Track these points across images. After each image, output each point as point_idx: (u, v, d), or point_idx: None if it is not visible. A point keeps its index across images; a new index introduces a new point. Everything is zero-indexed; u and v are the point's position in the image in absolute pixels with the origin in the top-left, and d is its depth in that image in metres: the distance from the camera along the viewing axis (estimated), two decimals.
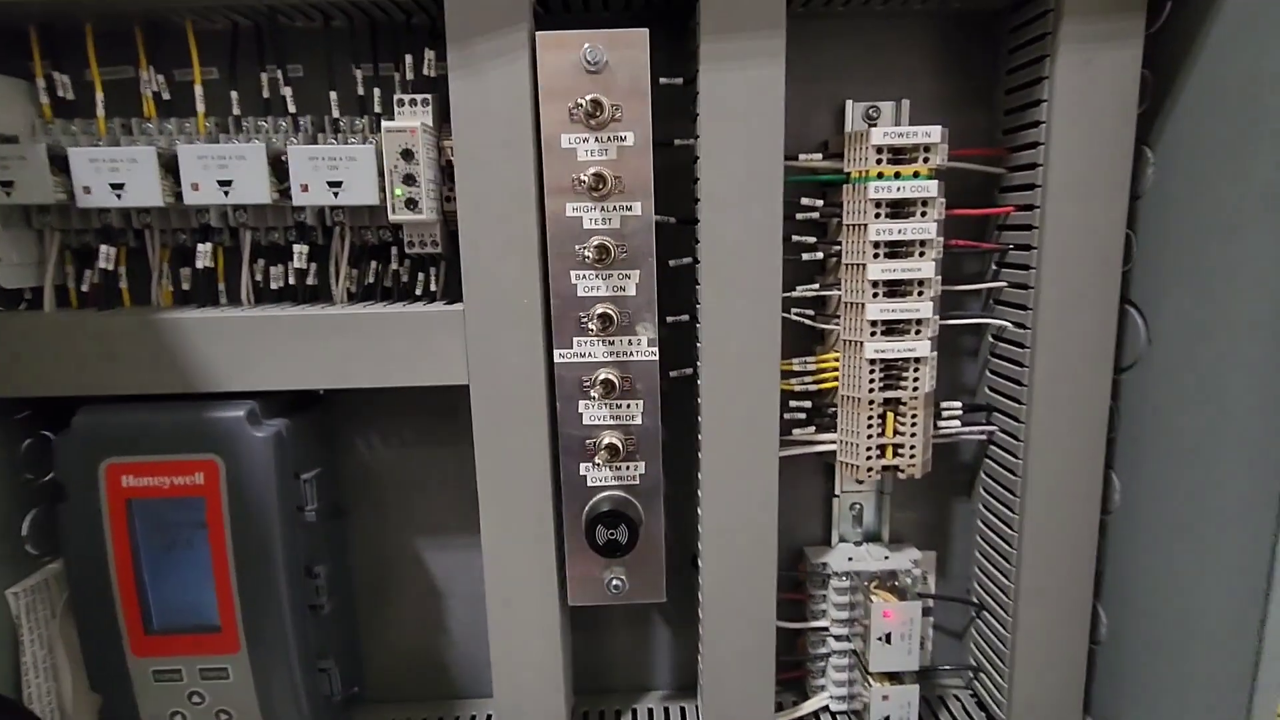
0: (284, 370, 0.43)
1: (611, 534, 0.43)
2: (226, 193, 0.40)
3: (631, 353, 0.43)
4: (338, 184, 0.40)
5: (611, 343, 0.42)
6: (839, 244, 0.46)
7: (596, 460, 0.43)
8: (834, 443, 0.48)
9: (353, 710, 0.54)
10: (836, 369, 0.47)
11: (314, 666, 0.47)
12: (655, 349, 0.43)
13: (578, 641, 0.55)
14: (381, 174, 0.41)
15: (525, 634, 0.46)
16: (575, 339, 0.42)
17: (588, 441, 0.43)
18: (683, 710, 0.54)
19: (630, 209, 0.41)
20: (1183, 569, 0.44)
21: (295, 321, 0.43)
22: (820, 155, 0.46)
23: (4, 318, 0.44)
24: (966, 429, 0.49)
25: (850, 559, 0.51)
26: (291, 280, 0.46)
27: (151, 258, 0.46)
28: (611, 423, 0.43)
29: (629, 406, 0.43)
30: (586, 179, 0.40)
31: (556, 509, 0.45)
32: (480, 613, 0.54)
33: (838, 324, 0.47)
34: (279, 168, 0.41)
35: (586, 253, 0.40)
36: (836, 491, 0.53)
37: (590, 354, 0.42)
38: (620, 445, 0.43)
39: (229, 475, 0.43)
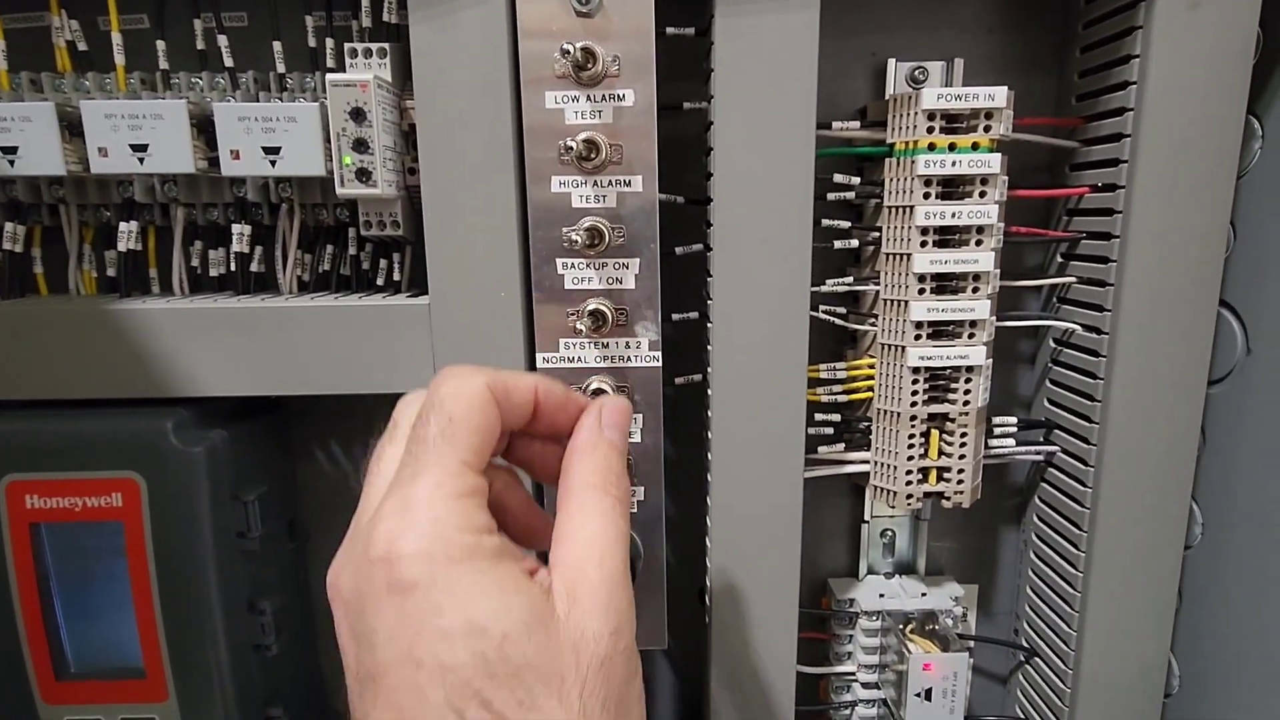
0: (219, 373, 0.37)
1: None
2: (142, 159, 0.33)
3: (629, 358, 0.36)
4: (275, 150, 0.33)
5: (605, 345, 0.35)
6: (878, 230, 0.39)
7: None
8: (866, 463, 0.41)
9: None
10: (871, 378, 0.40)
11: (260, 714, 0.41)
12: (658, 353, 0.36)
13: None
14: (328, 139, 0.33)
15: None
16: (562, 340, 0.35)
17: None
18: None
19: (629, 184, 0.34)
20: (1271, 615, 0.37)
21: (233, 315, 0.36)
22: (858, 124, 0.38)
23: None
24: (1022, 449, 0.42)
25: (882, 595, 0.44)
26: (233, 267, 0.39)
27: (68, 238, 0.39)
28: None
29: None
30: (576, 147, 0.32)
31: None
32: None
33: (874, 325, 0.40)
34: (208, 132, 0.34)
35: (576, 236, 0.33)
36: (866, 517, 0.46)
37: (580, 359, 0.36)
38: None
39: (152, 496, 0.36)
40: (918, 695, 0.40)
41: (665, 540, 0.38)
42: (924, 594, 0.44)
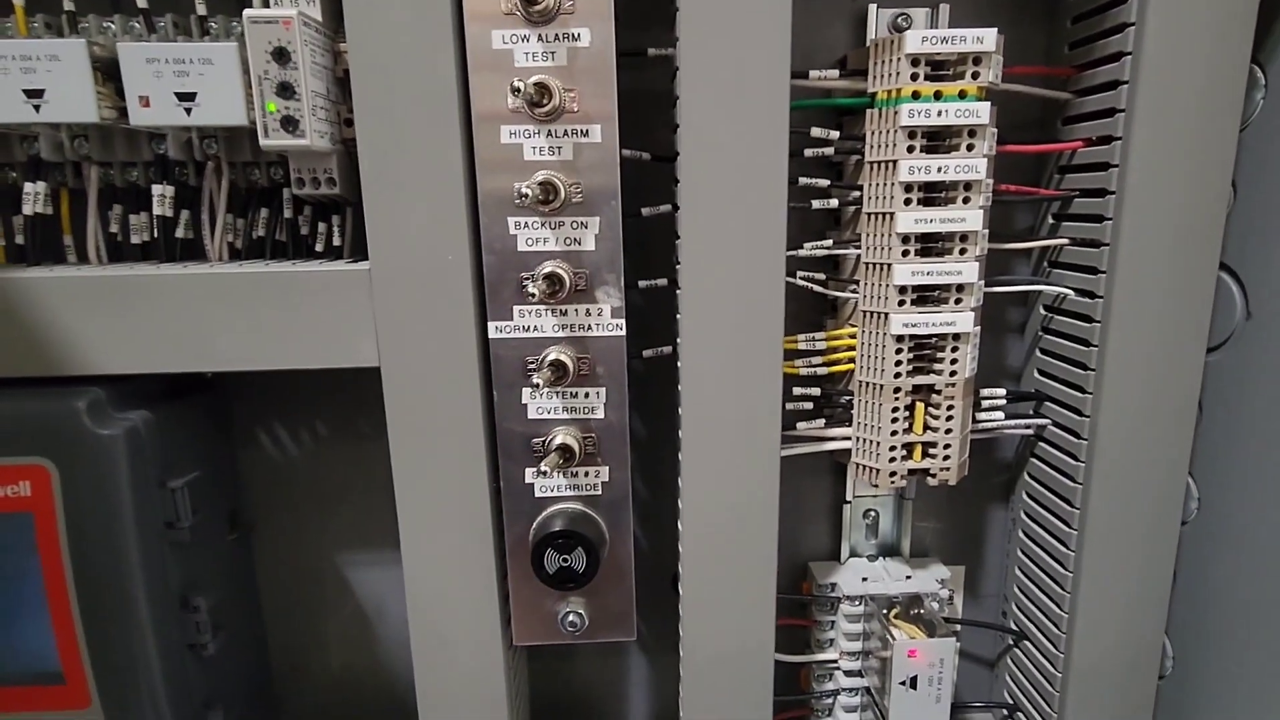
0: (140, 348, 0.33)
1: (565, 560, 0.33)
2: (37, 107, 0.30)
3: (590, 326, 0.33)
4: (190, 96, 0.30)
5: (563, 313, 0.32)
6: (859, 189, 0.36)
7: (545, 466, 0.33)
8: (848, 439, 0.38)
9: None
10: (853, 348, 0.38)
11: (198, 717, 0.37)
12: (621, 320, 0.33)
13: (538, 673, 0.46)
14: (250, 84, 0.30)
15: (460, 678, 0.37)
16: (516, 308, 0.32)
17: (534, 441, 0.34)
18: None
19: (586, 134, 0.31)
20: (1268, 593, 0.36)
21: (155, 284, 0.33)
22: (837, 73, 0.35)
23: None
24: (1011, 422, 0.40)
25: (865, 578, 0.42)
26: (156, 233, 0.36)
27: None
28: (565, 417, 0.34)
29: (587, 396, 0.33)
30: (526, 90, 0.29)
31: (497, 527, 0.35)
32: None
33: (855, 291, 0.37)
34: (117, 79, 0.31)
35: (528, 191, 0.30)
36: (848, 497, 0.43)
37: (536, 327, 0.33)
38: (576, 446, 0.33)
39: (65, 484, 0.33)
40: (902, 683, 0.38)
41: (635, 524, 0.36)
42: (908, 577, 0.42)
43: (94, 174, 0.35)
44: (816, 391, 0.39)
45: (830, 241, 0.37)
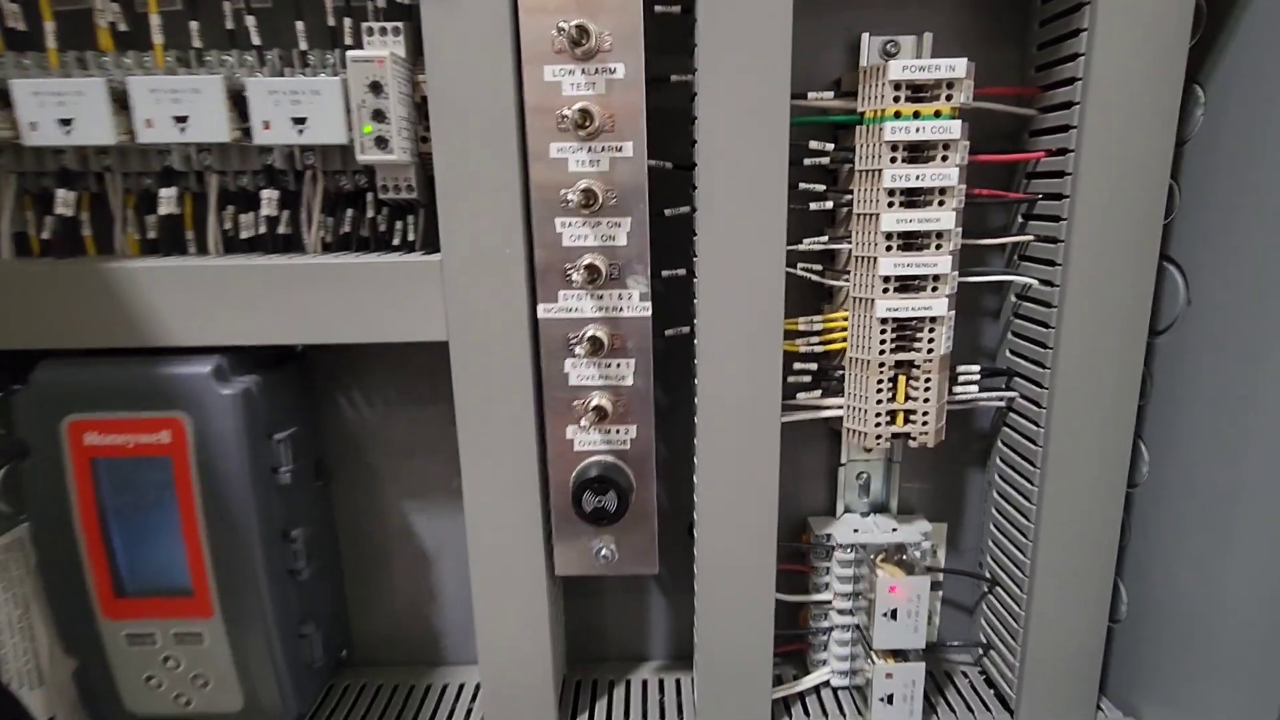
0: (251, 324, 0.40)
1: (599, 501, 0.40)
2: (183, 129, 0.37)
3: (622, 308, 0.39)
4: (302, 120, 0.37)
5: (600, 297, 0.39)
6: (850, 193, 0.42)
7: (584, 423, 0.40)
8: (841, 408, 0.45)
9: (341, 673, 0.53)
10: (845, 329, 0.44)
11: (294, 633, 0.45)
12: (648, 304, 0.39)
13: (571, 610, 0.53)
14: (349, 110, 0.37)
15: (511, 603, 0.44)
16: (561, 292, 0.39)
17: (574, 403, 0.41)
18: (678, 682, 0.52)
19: (620, 150, 0.37)
20: (1212, 547, 0.41)
21: (263, 272, 0.40)
22: (832, 94, 0.42)
23: None
24: (984, 394, 0.46)
25: (856, 530, 0.48)
26: (262, 229, 0.43)
27: (113, 203, 0.43)
28: (600, 383, 0.40)
29: (619, 366, 0.40)
30: (572, 115, 0.36)
31: (543, 474, 0.42)
32: (470, 578, 0.53)
33: (847, 280, 0.43)
34: (240, 105, 0.38)
35: (572, 197, 0.37)
36: (843, 460, 0.50)
37: (577, 309, 0.39)
38: (609, 407, 0.40)
39: (196, 434, 0.40)
40: (885, 615, 0.45)
41: (656, 475, 0.42)
42: (894, 530, 0.48)
43: (214, 181, 0.42)
44: (814, 367, 0.45)
45: (826, 238, 0.43)
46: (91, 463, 0.41)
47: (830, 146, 0.42)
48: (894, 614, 0.45)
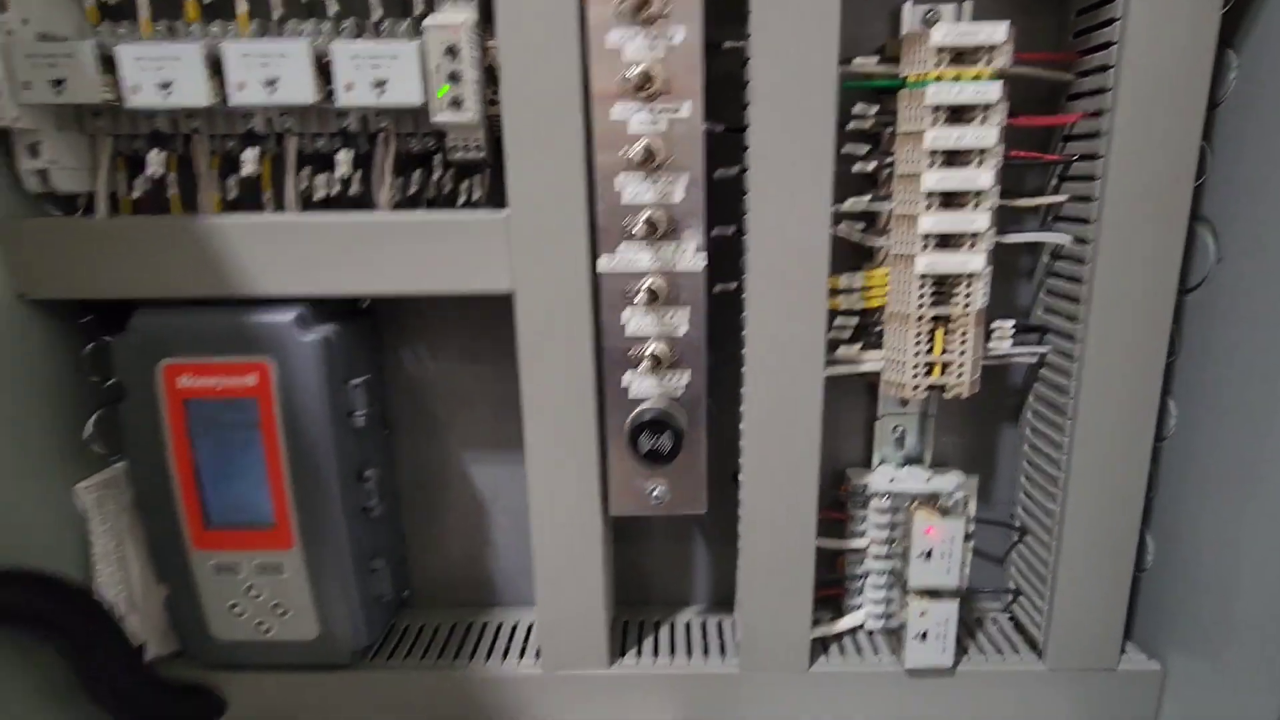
0: (331, 276, 0.43)
1: (655, 442, 0.43)
2: (271, 92, 0.40)
3: (677, 261, 0.42)
4: (382, 83, 0.40)
5: (657, 250, 0.42)
6: (892, 155, 0.44)
7: (639, 370, 0.43)
8: (879, 362, 0.47)
9: (401, 613, 0.56)
10: (885, 286, 0.46)
11: (365, 566, 0.49)
12: (703, 257, 0.42)
13: (618, 556, 0.56)
14: (425, 73, 0.40)
15: (567, 543, 0.47)
16: (620, 246, 0.42)
17: (631, 352, 0.43)
18: (719, 624, 0.55)
19: (677, 111, 0.40)
20: (1236, 500, 0.43)
21: (343, 227, 0.43)
22: (876, 59, 0.44)
23: (62, 222, 0.45)
24: (1018, 350, 0.48)
25: (892, 480, 0.51)
26: (334, 190, 0.46)
27: (199, 164, 0.46)
28: (655, 332, 0.43)
29: (673, 316, 0.43)
30: (633, 78, 0.38)
31: (599, 419, 0.45)
32: (524, 525, 0.56)
33: (888, 239, 0.45)
34: (322, 70, 0.41)
35: (632, 156, 0.39)
36: (879, 414, 0.52)
37: (635, 261, 0.42)
38: (664, 356, 0.43)
39: (280, 378, 0.44)
40: (920, 555, 0.47)
41: (706, 424, 0.45)
42: (929, 479, 0.51)
43: (293, 144, 0.45)
44: (854, 322, 0.47)
45: (869, 198, 0.46)
46: (184, 404, 0.44)
47: (874, 110, 0.44)
48: (929, 554, 0.47)
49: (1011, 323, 0.48)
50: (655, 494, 0.45)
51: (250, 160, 0.45)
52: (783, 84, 0.40)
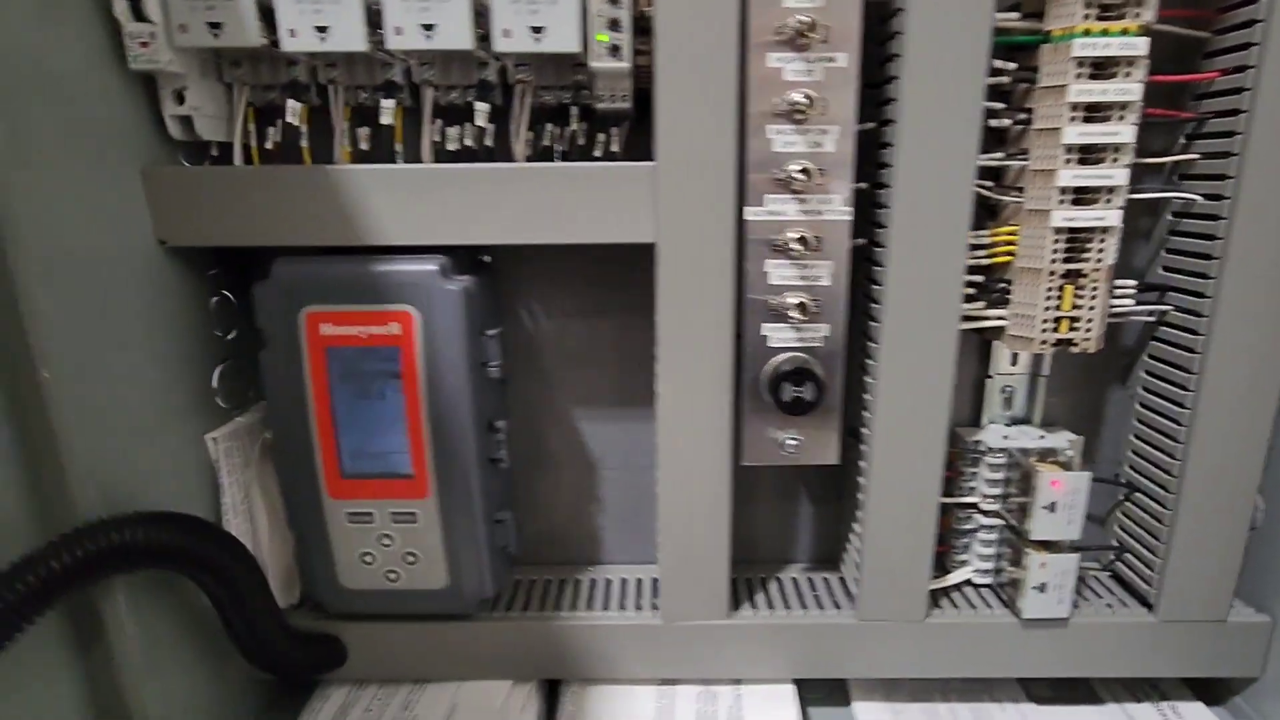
0: (475, 226, 0.44)
1: (798, 391, 0.43)
2: (429, 37, 0.40)
3: (823, 211, 0.42)
4: (539, 29, 0.40)
5: (804, 201, 0.42)
6: (1025, 111, 0.45)
7: (780, 320, 0.43)
8: (1002, 319, 0.48)
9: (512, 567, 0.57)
10: (1010, 244, 0.46)
11: (493, 517, 0.49)
12: (850, 208, 0.42)
13: None
14: (583, 19, 0.40)
15: (696, 493, 0.48)
16: (767, 196, 0.42)
17: (772, 301, 0.44)
18: (825, 580, 0.56)
19: (834, 60, 0.40)
20: None
21: (486, 176, 0.43)
22: (1017, 15, 0.44)
23: (205, 170, 0.45)
24: (1139, 308, 0.49)
25: (1006, 437, 0.52)
26: (468, 142, 0.46)
27: (334, 114, 0.46)
28: (798, 283, 0.44)
29: (816, 267, 0.43)
30: (792, 25, 0.39)
31: (734, 369, 0.45)
32: (631, 483, 0.57)
33: (1015, 196, 0.46)
34: (479, 16, 0.41)
35: (787, 104, 0.40)
36: (990, 373, 0.53)
37: (782, 212, 0.42)
38: (807, 305, 0.43)
39: (424, 326, 0.44)
40: (1044, 508, 0.48)
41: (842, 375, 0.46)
42: (1042, 436, 0.52)
43: (429, 94, 0.45)
44: (979, 279, 0.48)
45: (1003, 154, 0.46)
46: (325, 351, 0.45)
47: (1012, 65, 0.45)
48: (1053, 507, 0.48)
49: (1134, 282, 0.48)
50: (789, 444, 0.46)
51: (388, 110, 0.45)
52: (938, 38, 0.40)
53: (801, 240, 0.42)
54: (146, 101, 0.43)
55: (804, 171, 0.41)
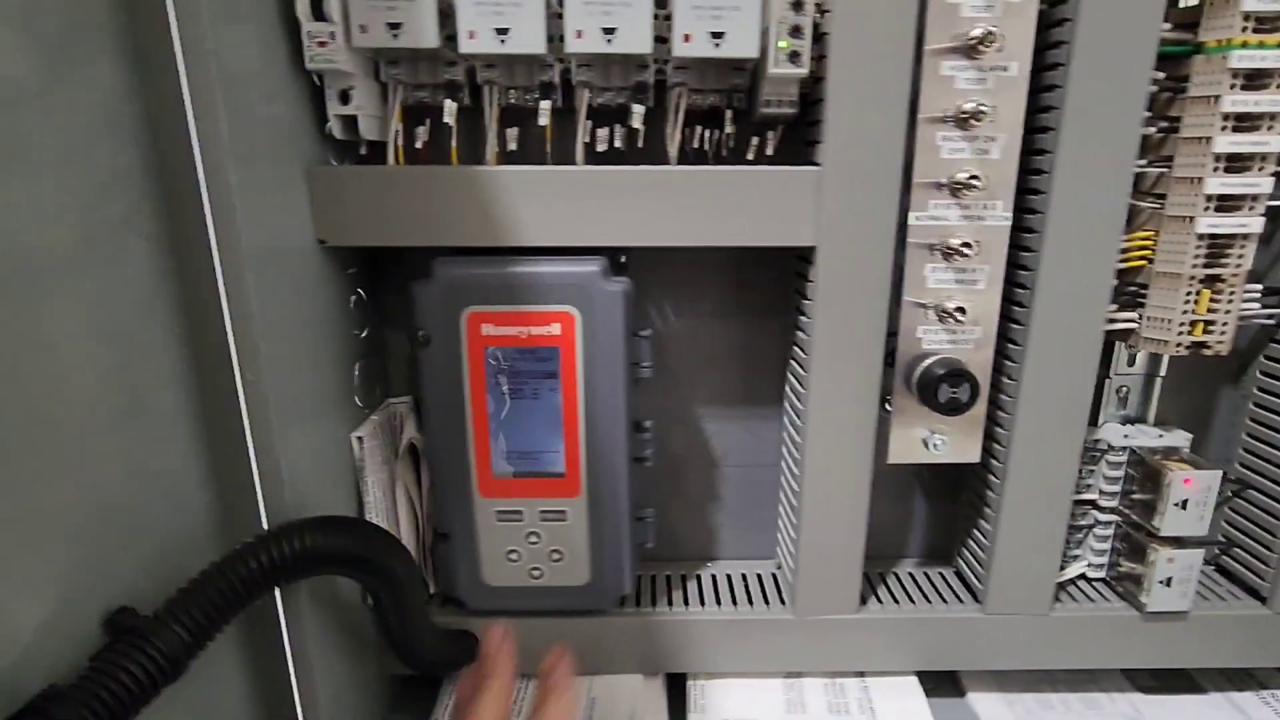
0: (631, 228, 0.44)
1: (954, 393, 0.44)
2: (609, 40, 0.40)
3: (984, 217, 0.43)
4: (719, 35, 0.40)
5: (966, 206, 0.43)
6: (1166, 119, 0.46)
7: (936, 323, 0.44)
8: (1131, 321, 0.49)
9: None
10: (1144, 248, 0.48)
11: (636, 515, 0.50)
12: (1010, 214, 0.43)
13: None
14: (763, 28, 0.40)
15: (838, 491, 0.49)
16: (932, 202, 0.43)
17: (928, 303, 0.45)
18: (941, 574, 0.57)
19: (1006, 70, 0.41)
20: None
21: (646, 179, 0.43)
22: (1169, 25, 0.45)
23: (365, 169, 0.45)
24: (1265, 311, 0.50)
25: (1126, 436, 0.53)
26: (617, 143, 0.47)
27: (487, 115, 0.46)
28: (955, 287, 0.44)
29: (974, 271, 0.44)
30: (974, 36, 0.39)
31: (884, 369, 0.46)
32: (751, 481, 0.57)
33: (1152, 203, 0.47)
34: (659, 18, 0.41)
35: (960, 112, 0.40)
36: (1109, 374, 0.54)
37: (944, 217, 0.43)
38: (964, 309, 0.44)
39: (584, 327, 0.44)
40: (1176, 505, 0.49)
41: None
42: (1161, 435, 0.53)
43: (585, 95, 0.45)
44: (1115, 282, 0.49)
45: (1146, 161, 0.47)
46: (485, 351, 0.45)
47: (1162, 75, 0.45)
48: (1185, 504, 0.49)
49: (1260, 286, 0.50)
50: (935, 443, 0.47)
51: (545, 112, 0.45)
52: (1107, 49, 0.41)
53: (964, 245, 0.43)
54: (310, 101, 0.43)
55: (974, 178, 0.41)
